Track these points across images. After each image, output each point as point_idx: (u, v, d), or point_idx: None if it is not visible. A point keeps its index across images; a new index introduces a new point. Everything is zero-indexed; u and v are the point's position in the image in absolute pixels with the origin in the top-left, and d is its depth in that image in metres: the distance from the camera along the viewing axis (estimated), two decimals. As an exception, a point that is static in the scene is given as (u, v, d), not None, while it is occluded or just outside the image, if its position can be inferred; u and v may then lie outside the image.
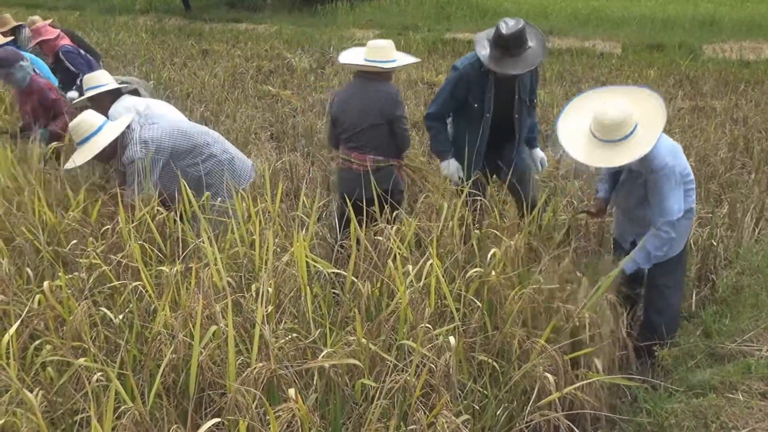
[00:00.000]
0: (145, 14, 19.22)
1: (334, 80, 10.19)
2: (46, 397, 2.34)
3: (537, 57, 3.98)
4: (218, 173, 4.00)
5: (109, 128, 3.87)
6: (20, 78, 5.08)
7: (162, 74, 10.33)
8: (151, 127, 3.91)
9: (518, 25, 3.92)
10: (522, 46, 3.92)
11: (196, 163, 3.93)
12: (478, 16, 16.36)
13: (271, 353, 2.39)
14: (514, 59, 3.92)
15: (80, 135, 3.84)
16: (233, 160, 4.12)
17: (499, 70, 3.94)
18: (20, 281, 2.95)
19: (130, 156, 3.80)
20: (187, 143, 3.94)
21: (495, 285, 2.91)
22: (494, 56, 3.93)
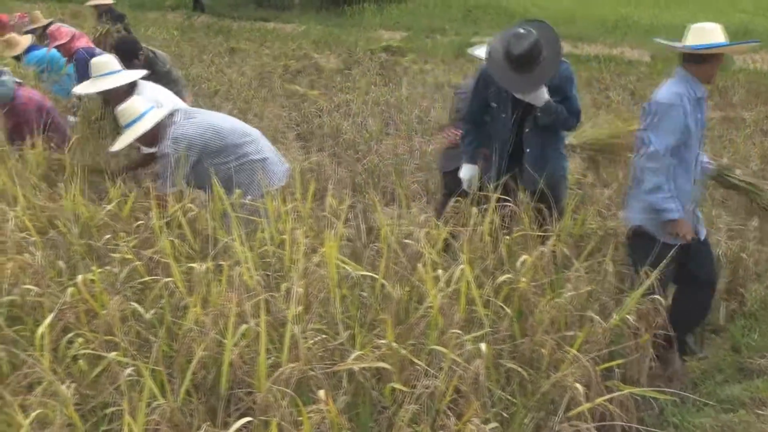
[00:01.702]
0: (175, 11, 19.35)
1: (361, 81, 10.20)
2: (78, 389, 2.35)
3: (549, 71, 3.81)
4: (249, 173, 4.02)
5: (152, 115, 3.95)
6: (3, 94, 4.88)
7: (190, 71, 10.39)
8: (185, 124, 3.96)
9: (530, 42, 3.73)
10: (533, 63, 3.76)
11: (227, 161, 3.96)
12: (506, 20, 16.28)
13: (301, 354, 2.40)
14: (524, 76, 3.78)
15: (126, 119, 3.94)
16: (266, 161, 4.14)
17: (508, 88, 3.86)
18: (53, 273, 2.97)
19: (162, 150, 3.90)
20: (219, 142, 3.97)
21: (525, 292, 2.90)
22: (504, 70, 3.82)
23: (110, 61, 4.57)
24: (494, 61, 3.85)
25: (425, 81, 10.45)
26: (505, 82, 3.83)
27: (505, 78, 3.82)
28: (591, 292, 3.04)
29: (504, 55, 3.78)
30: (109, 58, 4.61)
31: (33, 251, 3.03)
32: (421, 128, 7.73)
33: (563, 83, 3.95)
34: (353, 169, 6.30)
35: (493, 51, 3.87)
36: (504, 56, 3.78)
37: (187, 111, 4.15)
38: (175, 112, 4.02)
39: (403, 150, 6.78)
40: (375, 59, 12.25)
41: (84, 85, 4.69)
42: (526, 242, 3.37)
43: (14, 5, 12.96)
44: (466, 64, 11.83)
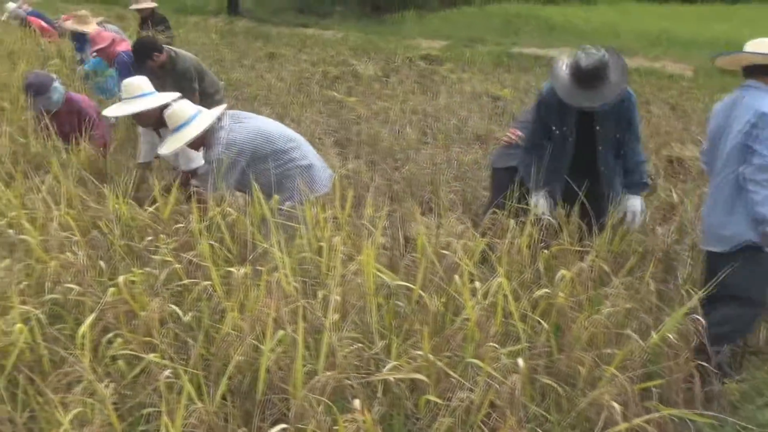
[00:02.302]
0: (217, 16, 19.58)
1: (399, 89, 10.21)
2: (117, 389, 2.38)
3: (615, 92, 3.76)
4: (293, 178, 4.04)
5: (200, 119, 3.95)
6: (56, 100, 5.04)
7: (231, 75, 10.49)
8: (236, 128, 3.98)
9: (599, 57, 3.72)
10: (600, 80, 3.73)
11: (273, 166, 3.98)
12: (546, 32, 16.25)
13: (336, 362, 2.40)
14: (589, 93, 3.74)
15: (174, 123, 3.96)
16: (311, 167, 4.15)
17: (571, 103, 3.81)
18: (94, 273, 3.01)
19: (213, 156, 3.89)
20: (268, 147, 3.98)
21: (563, 307, 2.87)
22: (568, 87, 3.79)
23: (141, 83, 4.51)
24: (559, 76, 3.82)
25: (463, 90, 10.43)
26: (567, 95, 3.80)
27: (567, 92, 3.80)
28: (630, 309, 3.00)
29: (570, 69, 3.77)
30: (141, 80, 4.54)
31: (75, 250, 3.08)
32: (459, 138, 7.71)
33: (630, 109, 3.96)
34: (390, 178, 6.30)
35: (557, 67, 3.86)
36: (570, 70, 3.77)
37: (235, 115, 4.15)
38: (223, 116, 4.02)
39: (441, 159, 6.76)
40: (413, 67, 12.27)
41: (115, 108, 4.64)
42: (564, 257, 3.34)
43: (61, 6, 13.21)
44: (503, 74, 11.81)
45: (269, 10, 20.73)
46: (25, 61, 7.68)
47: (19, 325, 2.48)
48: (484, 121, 8.38)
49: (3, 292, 2.75)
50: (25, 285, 2.82)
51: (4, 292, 2.74)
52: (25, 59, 7.86)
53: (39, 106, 4.98)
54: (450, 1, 20.16)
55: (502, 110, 9.25)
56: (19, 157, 4.53)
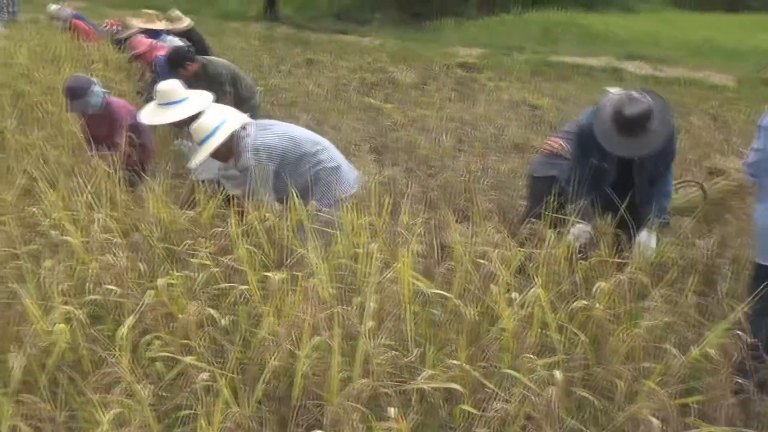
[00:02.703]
0: (257, 21, 19.77)
1: (437, 96, 10.21)
2: (155, 391, 2.41)
3: (657, 142, 3.71)
4: (323, 181, 4.06)
5: (225, 128, 3.95)
6: (95, 103, 5.04)
7: (269, 81, 10.58)
8: (263, 134, 4.00)
9: (645, 106, 3.66)
10: (643, 129, 3.68)
11: (303, 171, 4.01)
12: (586, 40, 16.12)
13: (372, 369, 2.40)
14: (630, 141, 3.70)
15: (200, 136, 3.95)
16: (339, 168, 4.18)
17: (612, 152, 3.78)
18: (134, 275, 3.05)
19: (243, 164, 3.91)
20: (297, 151, 4.01)
21: (601, 320, 2.84)
22: (610, 133, 3.74)
23: (176, 88, 4.55)
24: (601, 121, 3.79)
25: (501, 99, 10.40)
26: (608, 143, 3.77)
27: (608, 139, 3.76)
28: (669, 323, 2.96)
29: (612, 116, 3.71)
30: (175, 85, 4.57)
31: (116, 252, 3.12)
32: (496, 146, 7.69)
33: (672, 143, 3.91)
34: (426, 185, 6.29)
35: (601, 110, 3.83)
36: (612, 117, 3.71)
37: (260, 123, 4.18)
38: (248, 124, 4.04)
39: (477, 168, 6.74)
40: (451, 75, 12.27)
41: (150, 114, 4.63)
42: (603, 268, 3.31)
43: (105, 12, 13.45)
44: (542, 83, 11.74)
45: (308, 16, 20.87)
46: (69, 65, 7.82)
47: (61, 324, 2.52)
48: (521, 129, 8.35)
49: (46, 292, 2.80)
50: (67, 285, 2.87)
51: (47, 292, 2.79)
52: (69, 63, 8.00)
53: (76, 108, 5.04)
54: (488, 9, 20.11)
55: (540, 119, 9.21)
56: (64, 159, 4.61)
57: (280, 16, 20.42)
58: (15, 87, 6.61)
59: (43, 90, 6.38)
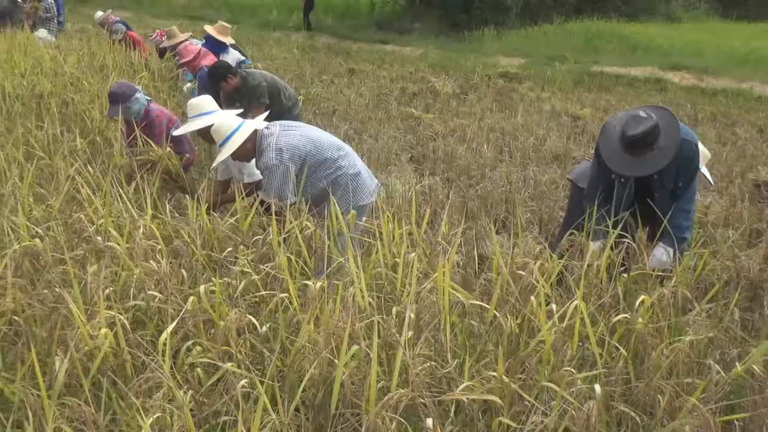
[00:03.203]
0: (298, 31, 19.95)
1: (477, 106, 10.19)
2: (194, 396, 2.44)
3: (665, 159, 3.67)
4: (342, 187, 4.08)
5: (245, 128, 4.03)
6: (136, 111, 5.15)
7: (310, 90, 10.66)
8: (287, 134, 4.05)
9: (649, 125, 3.64)
10: (649, 147, 3.66)
11: (323, 175, 4.06)
12: (628, 50, 15.96)
13: (410, 379, 2.40)
14: (637, 160, 3.69)
15: (220, 137, 4.03)
16: (359, 175, 4.20)
17: (619, 172, 3.76)
18: (176, 281, 3.09)
19: (265, 162, 3.96)
20: (319, 156, 4.05)
21: (642, 334, 2.80)
22: (616, 153, 3.74)
23: (204, 102, 4.65)
24: (608, 139, 3.78)
25: (542, 109, 10.34)
26: (614, 162, 3.75)
27: (614, 158, 3.74)
28: (712, 338, 2.91)
29: (619, 135, 3.71)
30: (204, 99, 4.71)
31: (159, 259, 3.17)
32: (536, 157, 7.65)
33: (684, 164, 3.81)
34: (465, 195, 6.28)
35: (609, 128, 3.81)
36: (619, 136, 3.71)
37: (285, 123, 4.23)
38: (272, 124, 4.10)
39: (517, 178, 6.71)
40: (492, 85, 12.24)
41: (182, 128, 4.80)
42: (644, 282, 3.27)
43: (151, 22, 13.68)
44: (584, 93, 11.65)
45: (349, 26, 21.01)
46: (115, 74, 7.98)
47: (104, 329, 2.56)
48: (562, 140, 8.29)
49: (90, 297, 2.85)
50: (111, 291, 2.92)
51: (91, 297, 2.84)
52: (116, 72, 8.16)
53: (115, 113, 5.11)
54: (530, 19, 20.02)
55: (582, 130, 9.14)
56: (108, 166, 4.70)
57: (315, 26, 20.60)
58: (63, 95, 6.76)
59: (90, 98, 6.51)
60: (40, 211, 3.78)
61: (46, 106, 6.34)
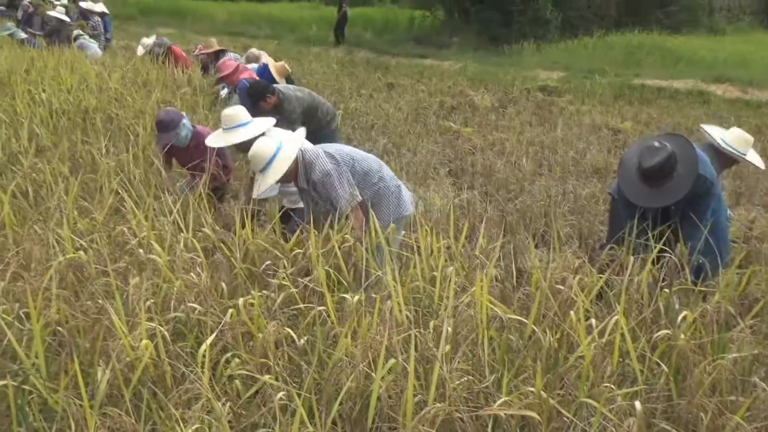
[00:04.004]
0: (337, 46, 20.11)
1: (516, 120, 10.14)
2: (233, 408, 2.46)
3: (684, 187, 3.68)
4: (385, 199, 4.09)
5: (286, 150, 3.93)
6: (184, 136, 5.21)
7: (349, 104, 10.72)
8: (326, 147, 4.07)
9: (663, 155, 3.64)
10: (666, 177, 3.67)
11: (367, 186, 4.05)
12: (670, 63, 15.76)
13: (447, 393, 2.39)
14: (654, 191, 3.71)
15: (260, 164, 3.92)
16: (399, 187, 4.21)
17: (637, 203, 3.75)
18: (215, 294, 3.13)
19: (322, 169, 3.88)
20: (364, 165, 4.06)
21: (684, 350, 2.75)
22: (634, 185, 3.75)
23: (239, 113, 4.66)
24: (625, 170, 3.76)
25: (581, 122, 10.25)
26: (632, 193, 3.72)
27: (632, 189, 3.73)
28: (757, 355, 2.84)
29: (636, 166, 3.72)
30: (239, 110, 4.71)
31: (199, 271, 3.21)
32: (576, 170, 7.58)
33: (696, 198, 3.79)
34: (504, 209, 6.25)
35: (626, 160, 3.79)
36: (636, 167, 3.72)
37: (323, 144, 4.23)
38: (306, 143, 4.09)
39: (556, 192, 6.65)
40: (531, 99, 12.18)
41: (215, 138, 4.75)
42: (686, 297, 3.21)
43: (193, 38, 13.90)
44: (624, 107, 11.53)
45: (388, 41, 21.12)
46: (159, 90, 8.12)
47: (145, 341, 2.60)
48: (602, 154, 8.20)
49: (132, 308, 2.90)
50: (152, 302, 2.96)
51: (133, 309, 2.89)
52: (159, 88, 8.31)
53: (164, 141, 5.20)
54: (570, 32, 19.92)
55: (623, 143, 9.03)
56: (151, 180, 4.78)
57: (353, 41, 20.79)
58: (107, 111, 6.90)
59: (134, 114, 6.64)
60: (85, 224, 3.86)
61: (91, 121, 6.48)
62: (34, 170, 4.95)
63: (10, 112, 6.63)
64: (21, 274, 3.19)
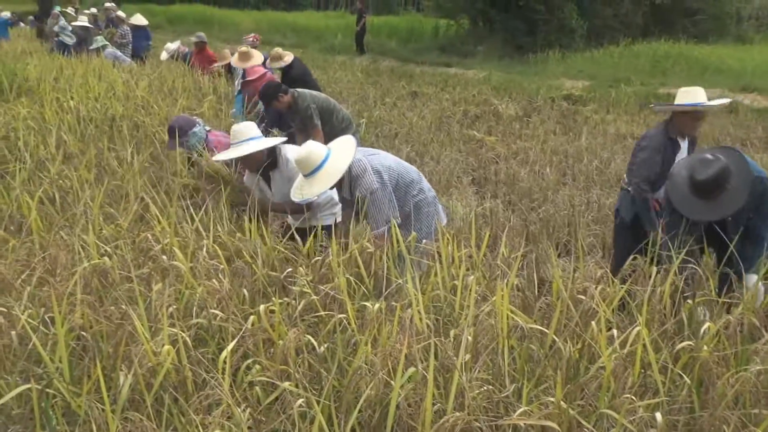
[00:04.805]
0: (362, 55, 20.20)
1: (540, 129, 10.11)
2: (252, 414, 2.47)
3: (738, 200, 3.63)
4: (424, 211, 4.09)
5: (337, 156, 3.91)
6: (193, 144, 5.15)
7: (373, 113, 10.76)
8: (376, 157, 4.02)
9: (717, 167, 3.59)
10: (720, 190, 3.62)
11: (408, 198, 4.04)
12: (697, 73, 15.61)
13: (466, 403, 2.39)
14: (709, 204, 3.65)
15: (307, 168, 3.89)
16: (436, 197, 4.22)
17: (691, 218, 3.71)
18: (237, 300, 3.15)
19: (367, 187, 3.85)
20: (407, 177, 4.05)
21: (707, 362, 2.73)
22: (687, 199, 3.70)
23: (248, 128, 4.53)
24: (676, 185, 3.72)
25: (606, 131, 10.20)
26: (687, 209, 3.69)
27: (686, 204, 3.68)
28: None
29: (688, 180, 3.67)
30: (246, 125, 4.59)
31: (221, 278, 3.23)
32: (600, 180, 7.54)
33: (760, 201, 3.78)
34: (527, 218, 6.23)
35: (675, 175, 3.76)
36: (687, 180, 3.67)
37: (365, 149, 4.19)
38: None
39: (580, 201, 6.63)
40: (555, 107, 12.14)
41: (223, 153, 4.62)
42: (710, 308, 3.18)
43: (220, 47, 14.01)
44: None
45: (412, 49, 21.17)
46: (184, 97, 8.20)
47: (167, 346, 2.62)
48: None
49: (155, 314, 2.92)
50: (174, 309, 2.99)
51: (155, 315, 2.91)
52: (184, 95, 8.39)
53: (173, 147, 5.22)
54: (596, 41, 19.84)
55: (648, 153, 8.95)
56: (174, 187, 4.82)
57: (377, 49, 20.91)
58: (134, 118, 6.98)
59: (160, 121, 6.71)
60: (110, 230, 3.90)
61: (118, 128, 6.56)
62: (61, 177, 5.02)
63: (38, 119, 6.74)
64: (47, 279, 3.24)
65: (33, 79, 8.64)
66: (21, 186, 4.66)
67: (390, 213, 3.86)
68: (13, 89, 8.12)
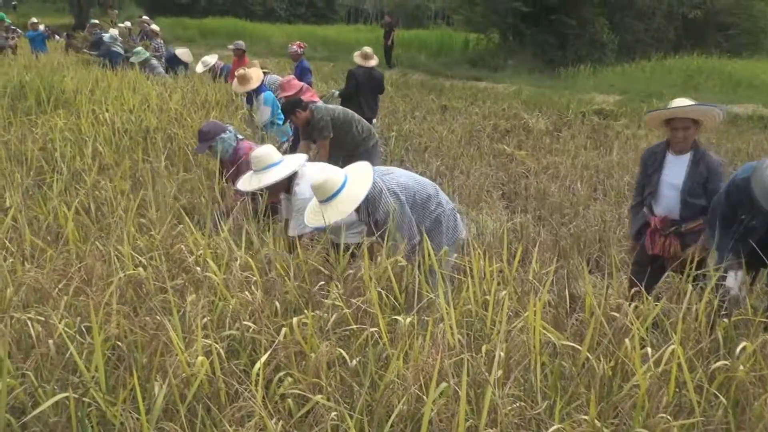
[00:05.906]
0: (392, 69, 20.26)
1: (570, 144, 10.06)
2: (285, 427, 2.48)
3: None
4: (444, 224, 4.09)
5: (355, 182, 3.88)
6: (221, 150, 5.18)
7: (403, 126, 10.78)
8: (391, 177, 4.03)
9: None
10: None
11: (427, 213, 4.04)
12: (730, 87, 15.46)
13: (499, 419, 2.38)
14: None
15: (324, 194, 3.86)
16: (454, 210, 4.21)
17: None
18: (269, 312, 3.17)
19: (386, 210, 3.82)
20: (424, 193, 4.05)
21: (743, 382, 2.69)
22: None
23: (269, 153, 4.51)
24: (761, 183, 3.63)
25: (638, 147, 10.11)
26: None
27: None
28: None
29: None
30: (269, 150, 4.55)
31: (254, 290, 3.25)
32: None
33: None
34: (558, 233, 6.20)
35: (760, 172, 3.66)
36: None
37: (379, 169, 4.14)
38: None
39: (611, 217, 6.58)
40: (586, 122, 12.08)
41: (246, 181, 4.54)
42: (747, 327, 3.14)
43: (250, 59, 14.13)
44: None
45: (442, 63, 21.21)
46: (217, 110, 8.29)
47: (201, 357, 2.65)
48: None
49: (189, 325, 2.95)
50: (207, 320, 3.01)
51: (189, 326, 2.94)
52: (217, 108, 8.49)
53: (201, 150, 5.32)
54: (627, 56, 19.73)
55: (680, 168, 8.86)
56: (207, 199, 4.87)
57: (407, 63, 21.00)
58: (167, 130, 7.07)
59: (193, 133, 6.78)
60: (144, 241, 3.95)
61: (152, 140, 6.65)
62: (96, 188, 5.10)
63: (75, 130, 6.84)
64: (83, 288, 3.28)
65: (69, 92, 8.78)
66: (58, 196, 4.73)
67: (409, 233, 3.87)
68: (51, 101, 8.26)
